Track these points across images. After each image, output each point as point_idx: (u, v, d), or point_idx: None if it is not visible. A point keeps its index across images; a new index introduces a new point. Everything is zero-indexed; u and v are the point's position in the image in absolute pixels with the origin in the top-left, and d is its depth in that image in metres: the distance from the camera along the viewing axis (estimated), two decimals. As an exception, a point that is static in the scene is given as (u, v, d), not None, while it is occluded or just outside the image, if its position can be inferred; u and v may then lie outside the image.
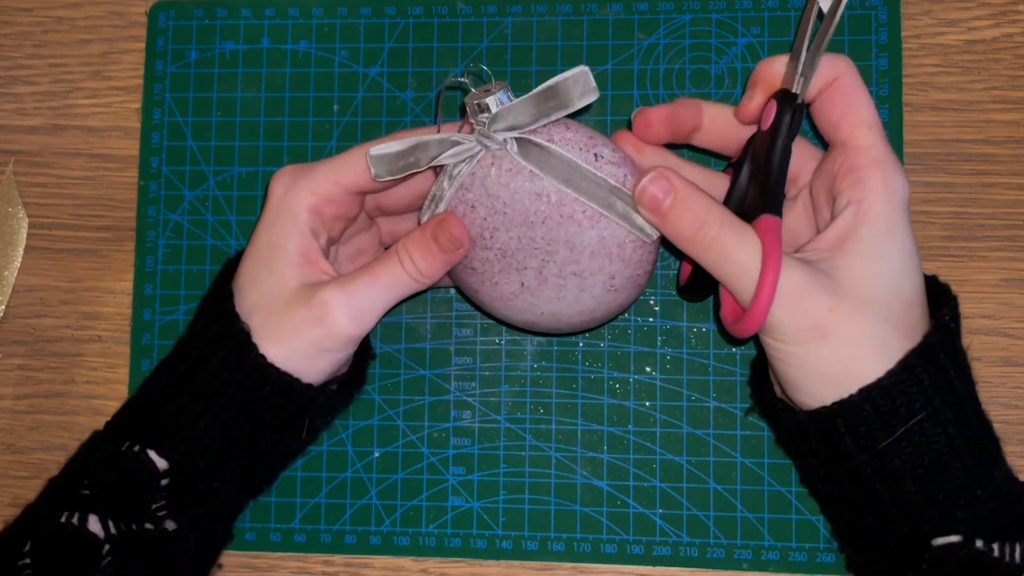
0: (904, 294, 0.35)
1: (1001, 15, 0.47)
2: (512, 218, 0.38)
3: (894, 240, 0.35)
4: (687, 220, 0.35)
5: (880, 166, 0.36)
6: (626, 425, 0.46)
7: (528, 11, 0.49)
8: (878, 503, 0.36)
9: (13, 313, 0.50)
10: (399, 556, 0.47)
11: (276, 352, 0.38)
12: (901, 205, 0.35)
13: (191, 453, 0.39)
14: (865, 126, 0.36)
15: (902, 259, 0.35)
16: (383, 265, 0.39)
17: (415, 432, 0.47)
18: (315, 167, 0.40)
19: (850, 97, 0.37)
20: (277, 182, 0.40)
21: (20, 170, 0.51)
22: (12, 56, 0.52)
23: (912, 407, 0.34)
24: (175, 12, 0.51)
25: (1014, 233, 0.46)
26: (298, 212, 0.39)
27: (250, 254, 0.40)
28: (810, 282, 0.34)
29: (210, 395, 0.38)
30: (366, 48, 0.50)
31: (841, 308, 0.34)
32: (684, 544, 0.46)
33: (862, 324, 0.34)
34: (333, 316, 0.38)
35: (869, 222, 0.35)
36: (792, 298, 0.34)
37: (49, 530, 0.38)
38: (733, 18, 0.48)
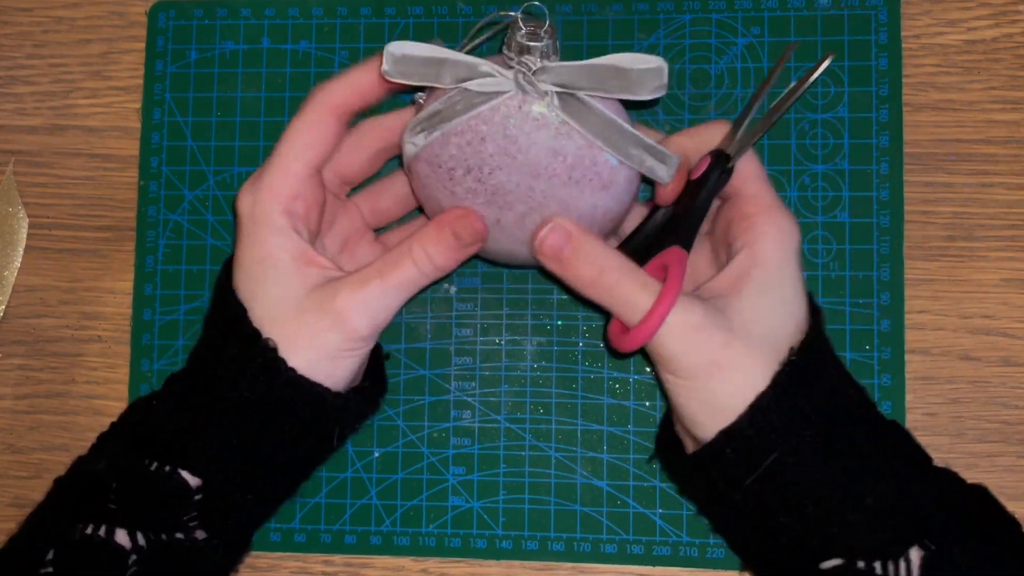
0: (787, 329, 0.37)
1: (1001, 15, 0.47)
2: (520, 164, 0.38)
3: (782, 280, 0.38)
4: (586, 267, 0.38)
5: (769, 212, 0.39)
6: (626, 425, 0.46)
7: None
8: (763, 531, 0.37)
9: (13, 313, 0.50)
10: (399, 556, 0.47)
11: (299, 362, 0.38)
12: (790, 247, 0.38)
13: (225, 470, 0.38)
14: (752, 178, 0.40)
15: (790, 298, 0.38)
16: (394, 264, 0.39)
17: (415, 432, 0.47)
18: (264, 171, 0.40)
19: (754, 161, 0.40)
20: (241, 200, 0.40)
21: (20, 170, 0.51)
22: (12, 56, 0.52)
23: (766, 446, 0.36)
24: (175, 12, 0.51)
25: (1014, 233, 0.46)
26: (273, 219, 0.39)
27: (241, 276, 0.39)
28: (707, 319, 0.36)
29: (243, 415, 0.38)
30: (366, 48, 0.50)
31: (735, 344, 0.36)
32: (684, 544, 0.46)
33: (753, 359, 0.36)
34: (350, 320, 0.38)
35: (761, 264, 0.38)
36: (691, 333, 0.36)
37: (73, 540, 0.37)
38: (733, 18, 0.48)
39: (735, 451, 0.36)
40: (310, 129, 0.40)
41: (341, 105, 0.40)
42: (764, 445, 0.36)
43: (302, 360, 0.38)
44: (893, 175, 0.46)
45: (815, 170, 0.47)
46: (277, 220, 0.39)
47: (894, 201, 0.46)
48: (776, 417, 0.36)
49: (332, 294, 0.38)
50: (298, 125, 0.40)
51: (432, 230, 0.39)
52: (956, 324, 0.46)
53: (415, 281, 0.39)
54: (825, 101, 0.47)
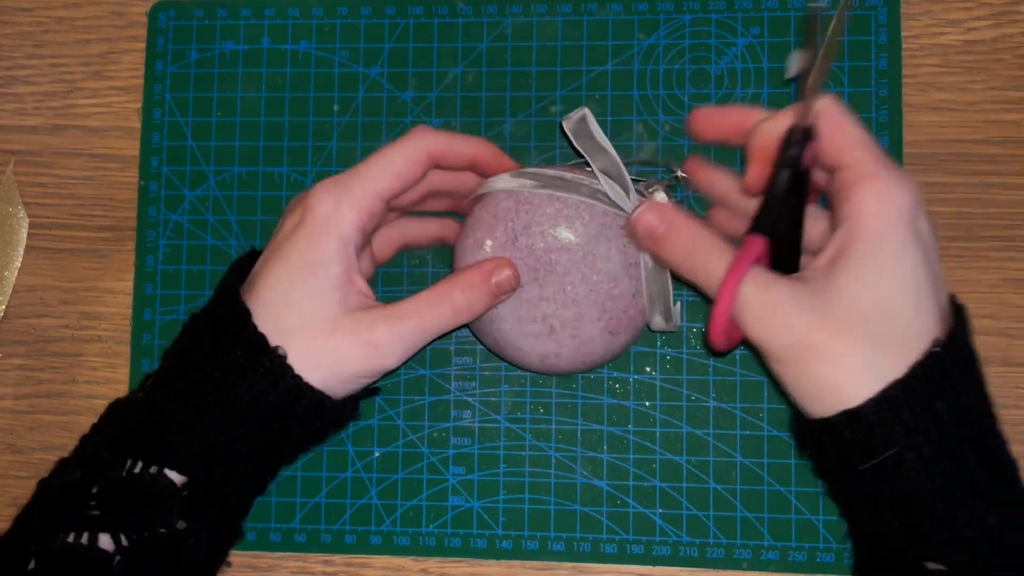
0: (899, 311, 0.34)
1: (1001, 15, 0.47)
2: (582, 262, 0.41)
3: (886, 254, 0.34)
4: (679, 246, 0.38)
5: (866, 180, 0.35)
6: (626, 425, 0.46)
7: (528, 11, 0.49)
8: (868, 516, 0.36)
9: (13, 313, 0.50)
10: (399, 556, 0.47)
11: (314, 378, 0.38)
12: (895, 218, 0.35)
13: (211, 467, 0.38)
14: (849, 147, 0.36)
15: (897, 274, 0.34)
16: (433, 305, 0.39)
17: (415, 432, 0.47)
18: (352, 182, 0.39)
19: (834, 125, 0.37)
20: (320, 199, 0.39)
21: (20, 170, 0.51)
22: (12, 56, 0.52)
23: (889, 438, 0.33)
24: (175, 12, 0.51)
25: (1014, 233, 0.46)
26: (346, 231, 0.39)
27: (282, 271, 0.39)
28: (791, 299, 0.35)
29: (237, 416, 0.38)
30: (366, 48, 0.50)
31: (823, 327, 0.34)
32: (684, 544, 0.46)
33: (845, 344, 0.34)
34: (383, 355, 0.38)
35: (858, 238, 0.35)
36: (772, 314, 0.35)
37: (55, 549, 0.37)
38: (733, 18, 0.48)
39: (854, 433, 0.34)
40: (407, 163, 0.40)
41: (435, 155, 0.41)
42: (887, 436, 0.33)
43: (317, 377, 0.38)
44: (893, 175, 0.46)
45: (815, 170, 0.47)
46: (350, 234, 0.39)
47: (894, 201, 0.46)
48: (907, 411, 0.33)
49: (369, 324, 0.38)
50: (397, 152, 0.40)
51: (477, 278, 0.40)
52: (956, 324, 0.46)
53: (448, 324, 0.40)
54: (825, 101, 0.47)
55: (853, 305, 0.34)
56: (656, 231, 0.39)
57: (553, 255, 0.41)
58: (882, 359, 0.34)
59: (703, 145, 0.46)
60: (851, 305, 0.34)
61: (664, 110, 0.48)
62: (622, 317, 0.42)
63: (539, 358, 0.43)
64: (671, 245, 0.38)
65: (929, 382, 0.33)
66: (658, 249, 0.39)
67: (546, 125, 0.48)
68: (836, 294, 0.34)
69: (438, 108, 0.49)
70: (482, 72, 0.49)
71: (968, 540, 0.33)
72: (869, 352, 0.34)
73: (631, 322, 0.42)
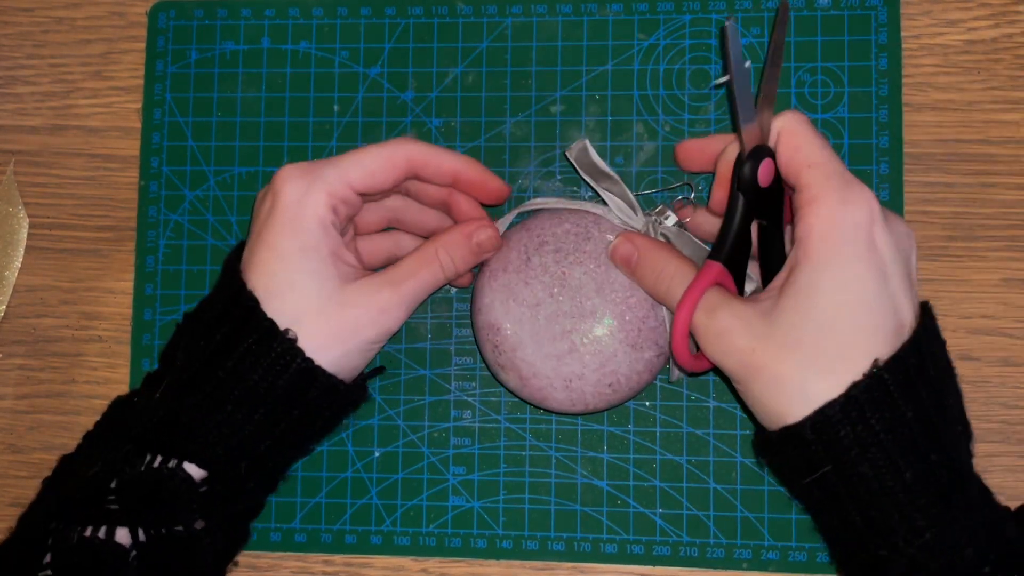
0: (839, 332, 0.34)
1: (1001, 15, 0.47)
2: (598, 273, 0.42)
3: (829, 275, 0.35)
4: (649, 272, 0.41)
5: (815, 202, 0.35)
6: (626, 425, 0.46)
7: (528, 11, 0.49)
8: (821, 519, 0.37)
9: (13, 313, 0.50)
10: (399, 556, 0.47)
11: (333, 354, 0.39)
12: (840, 238, 0.35)
13: (231, 460, 0.39)
14: (803, 167, 0.36)
15: (838, 294, 0.34)
16: (424, 266, 0.42)
17: (415, 432, 0.47)
18: (324, 168, 0.40)
19: (791, 143, 0.37)
20: (288, 183, 0.40)
21: (20, 170, 0.51)
22: (12, 56, 0.52)
23: (825, 456, 0.34)
24: (175, 12, 0.51)
25: (1014, 233, 0.46)
26: (323, 214, 0.40)
27: (275, 259, 0.39)
28: (736, 323, 0.36)
29: (253, 404, 0.38)
30: (366, 48, 0.50)
31: (764, 349, 0.35)
32: (684, 544, 0.46)
33: (784, 366, 0.35)
34: (391, 315, 0.40)
35: (804, 259, 0.35)
36: (718, 337, 0.37)
37: (72, 542, 0.37)
38: (733, 18, 0.48)
39: (793, 450, 0.35)
40: (385, 164, 0.41)
41: (416, 163, 0.42)
42: (822, 454, 0.34)
43: (339, 351, 0.39)
44: (893, 175, 0.46)
45: (815, 170, 0.47)
46: (326, 215, 0.40)
47: (894, 201, 0.46)
48: (844, 430, 0.34)
49: (374, 292, 0.40)
50: (377, 152, 0.41)
51: (458, 237, 0.42)
52: (956, 324, 0.46)
53: (440, 281, 0.42)
54: (825, 101, 0.47)
55: (794, 327, 0.35)
56: (631, 259, 0.41)
57: (566, 270, 0.42)
58: (818, 381, 0.34)
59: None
60: (792, 327, 0.35)
61: (664, 110, 0.48)
62: (641, 328, 0.42)
63: (564, 383, 0.42)
64: (642, 271, 0.41)
65: (868, 403, 0.33)
66: (634, 274, 0.42)
67: (546, 125, 0.48)
68: (779, 316, 0.35)
69: (438, 108, 0.49)
70: (482, 72, 0.49)
71: (907, 556, 0.33)
72: (806, 374, 0.34)
73: (652, 335, 0.42)
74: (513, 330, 0.42)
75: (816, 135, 0.37)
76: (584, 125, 0.48)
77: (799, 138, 0.37)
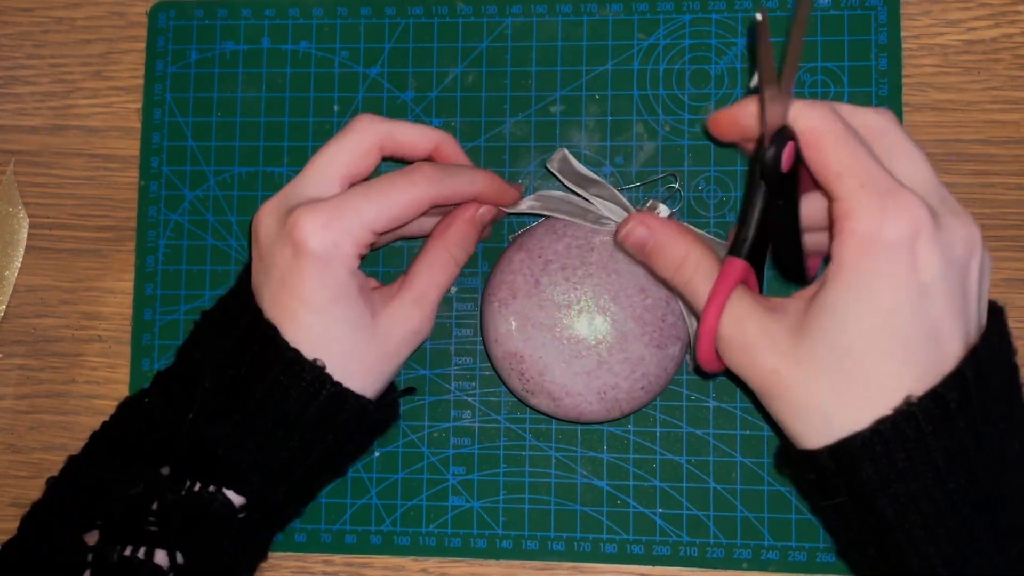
0: (870, 361, 0.32)
1: (1001, 15, 0.47)
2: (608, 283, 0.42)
3: (860, 298, 0.32)
4: (666, 260, 0.38)
5: (850, 216, 0.32)
6: (626, 425, 0.46)
7: (528, 11, 0.49)
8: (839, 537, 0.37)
9: (13, 313, 0.50)
10: (399, 556, 0.47)
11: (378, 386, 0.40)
12: (875, 257, 0.31)
13: (269, 487, 0.39)
14: (834, 175, 0.33)
15: (871, 321, 0.31)
16: (441, 268, 0.42)
17: (415, 432, 0.47)
18: (348, 218, 0.38)
19: (817, 151, 0.33)
20: (313, 236, 0.37)
21: (20, 170, 0.51)
22: (12, 56, 0.52)
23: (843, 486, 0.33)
24: (175, 12, 0.51)
25: (1014, 233, 0.46)
26: (350, 264, 0.38)
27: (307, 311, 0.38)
28: (763, 337, 0.34)
29: (286, 432, 0.38)
30: (366, 48, 0.50)
31: (787, 372, 0.33)
32: (684, 544, 0.46)
33: (807, 392, 0.33)
34: (424, 331, 0.41)
35: (836, 278, 0.32)
36: (743, 352, 0.34)
37: (112, 562, 0.37)
38: (733, 18, 0.48)
39: (813, 473, 0.34)
40: (408, 208, 0.39)
41: (440, 200, 0.40)
42: (841, 485, 0.33)
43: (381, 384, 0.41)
44: (893, 175, 0.46)
45: (815, 170, 0.47)
46: (352, 263, 0.39)
47: (894, 201, 0.46)
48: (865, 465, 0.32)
49: (404, 316, 0.40)
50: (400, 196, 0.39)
51: (462, 227, 0.42)
52: (956, 324, 0.46)
53: (455, 276, 0.43)
54: (825, 101, 0.47)
55: (821, 351, 0.32)
56: (646, 243, 0.38)
57: (577, 285, 0.42)
58: (843, 411, 0.32)
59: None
60: (819, 351, 0.32)
61: (664, 110, 0.48)
62: (662, 326, 0.42)
63: (598, 396, 0.42)
64: (660, 259, 0.38)
65: (894, 439, 0.31)
66: (649, 262, 0.39)
67: (546, 125, 0.48)
68: (808, 336, 0.33)
69: (438, 108, 0.49)
70: (482, 72, 0.49)
71: None
72: (831, 402, 0.32)
73: (672, 330, 0.42)
74: (537, 355, 0.42)
75: (843, 133, 0.33)
76: (584, 125, 0.48)
77: (824, 141, 0.33)
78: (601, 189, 0.44)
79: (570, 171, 0.45)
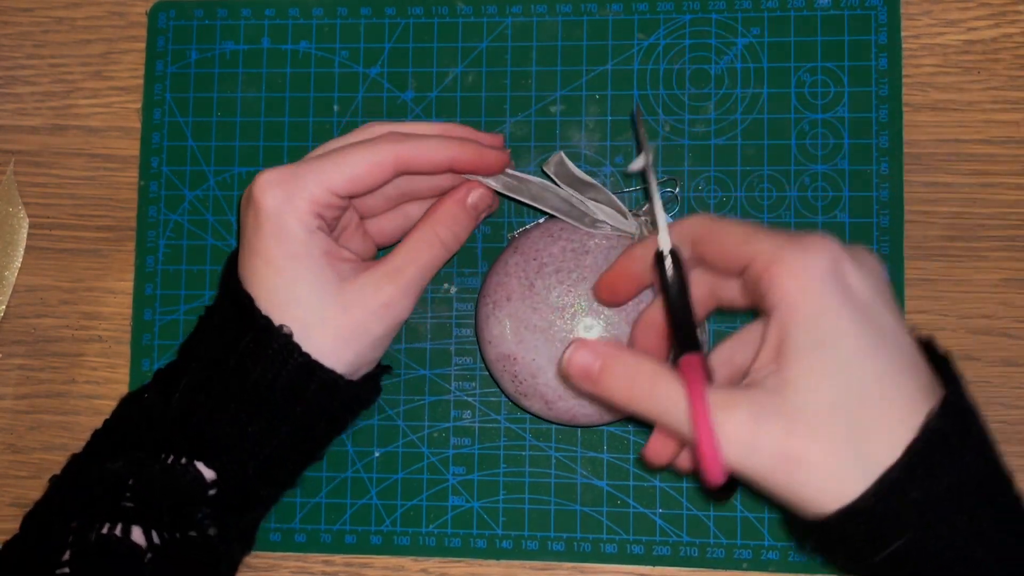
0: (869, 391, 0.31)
1: (1001, 15, 0.47)
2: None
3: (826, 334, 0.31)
4: (619, 380, 0.34)
5: (775, 263, 0.32)
6: (626, 425, 0.46)
7: (528, 11, 0.49)
8: None
9: (13, 313, 0.50)
10: (399, 556, 0.47)
11: (347, 355, 0.39)
12: (819, 289, 0.31)
13: (240, 461, 0.39)
14: (741, 243, 0.34)
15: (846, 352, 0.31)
16: (423, 249, 0.41)
17: (415, 432, 0.47)
18: (305, 175, 0.39)
19: (712, 240, 0.35)
20: (267, 193, 0.39)
21: (20, 170, 0.51)
22: (12, 56, 0.52)
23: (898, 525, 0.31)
24: (175, 12, 0.51)
25: (1014, 233, 0.46)
26: (307, 220, 0.39)
27: (269, 270, 0.39)
28: (759, 413, 0.31)
29: (256, 402, 0.38)
30: (366, 48, 0.50)
31: (796, 433, 0.31)
32: (684, 544, 0.46)
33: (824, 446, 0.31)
34: (396, 308, 0.40)
35: (791, 323, 0.32)
36: (747, 439, 0.31)
37: (90, 540, 0.37)
38: (733, 18, 0.48)
39: (859, 529, 0.31)
40: (370, 168, 0.39)
41: (404, 164, 0.40)
42: (895, 524, 0.31)
43: (351, 354, 0.39)
44: (893, 175, 0.46)
45: (815, 170, 0.47)
46: (310, 221, 0.39)
47: (894, 201, 0.46)
48: (914, 492, 0.30)
49: (375, 287, 0.39)
50: (361, 156, 0.39)
51: (453, 208, 0.42)
52: (956, 324, 0.46)
53: (443, 259, 0.41)
54: (825, 101, 0.47)
55: (818, 400, 0.31)
56: (591, 370, 0.34)
57: (571, 288, 0.42)
58: (869, 447, 0.31)
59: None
60: (816, 401, 0.31)
61: (664, 110, 0.48)
62: None
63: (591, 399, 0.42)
64: (610, 383, 0.34)
65: (930, 458, 0.30)
66: (597, 389, 0.34)
67: (546, 125, 0.48)
68: (796, 395, 0.31)
69: (438, 108, 0.49)
70: (482, 72, 0.49)
71: None
72: (851, 445, 0.31)
73: None
74: (530, 357, 0.42)
75: (730, 221, 0.35)
76: (584, 125, 0.48)
77: (717, 225, 0.35)
78: (597, 193, 0.44)
79: (566, 174, 0.44)
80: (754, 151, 0.47)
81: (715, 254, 0.35)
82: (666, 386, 0.33)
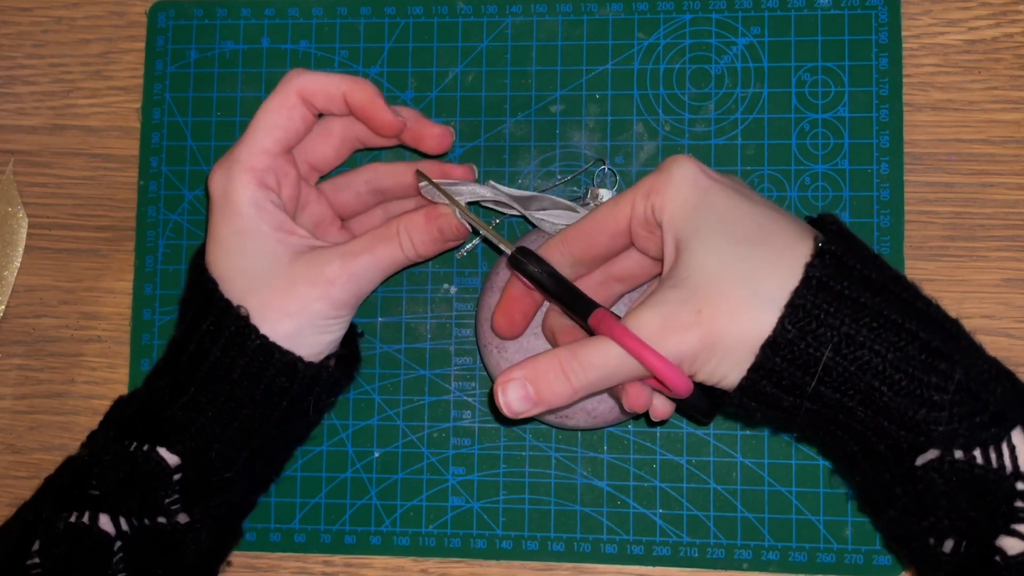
0: (757, 233, 0.34)
1: (1001, 15, 0.47)
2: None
3: (704, 207, 0.35)
4: (558, 386, 0.34)
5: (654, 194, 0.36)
6: (626, 425, 0.46)
7: (528, 11, 0.49)
8: (846, 434, 0.35)
9: (13, 313, 0.50)
10: (399, 556, 0.47)
11: (285, 329, 0.39)
12: (694, 184, 0.35)
13: (201, 445, 0.39)
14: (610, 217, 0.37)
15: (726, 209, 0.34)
16: (382, 242, 0.40)
17: (415, 432, 0.47)
18: (236, 150, 0.40)
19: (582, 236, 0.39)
20: (213, 180, 0.40)
21: (20, 170, 0.51)
22: (12, 56, 0.52)
23: (817, 341, 0.32)
24: (175, 12, 0.51)
25: (1014, 233, 0.46)
26: (251, 193, 0.40)
27: (220, 252, 0.40)
28: (671, 310, 0.33)
29: (215, 384, 0.39)
30: (366, 48, 0.50)
31: (701, 299, 0.33)
32: (684, 544, 0.46)
33: (730, 293, 0.33)
34: (339, 289, 0.39)
35: (675, 219, 0.35)
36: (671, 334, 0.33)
37: (58, 530, 0.38)
38: (733, 18, 0.48)
39: (786, 360, 0.33)
40: (280, 110, 0.41)
41: (307, 96, 0.41)
42: (814, 341, 0.32)
43: (287, 328, 0.39)
44: (893, 175, 0.46)
45: (815, 170, 0.47)
46: (253, 193, 0.40)
47: (894, 201, 0.46)
48: (823, 307, 0.32)
49: (322, 263, 0.39)
50: (270, 105, 0.41)
51: (421, 220, 0.41)
52: (956, 324, 0.46)
53: (399, 261, 0.41)
54: (825, 101, 0.47)
55: (708, 266, 0.34)
56: (529, 396, 0.35)
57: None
58: (769, 282, 0.33)
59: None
60: (707, 267, 0.34)
61: (664, 110, 0.48)
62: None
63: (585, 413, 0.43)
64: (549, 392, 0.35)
65: (831, 274, 0.33)
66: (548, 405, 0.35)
67: (546, 125, 0.48)
68: (693, 275, 0.34)
69: (438, 107, 0.49)
70: (482, 72, 0.49)
71: (942, 405, 0.32)
72: (752, 289, 0.33)
73: None
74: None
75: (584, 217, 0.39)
76: (584, 125, 0.48)
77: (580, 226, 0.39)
78: (540, 201, 0.44)
79: (505, 198, 0.44)
80: (754, 151, 0.47)
81: (596, 241, 0.38)
82: (592, 351, 0.34)
